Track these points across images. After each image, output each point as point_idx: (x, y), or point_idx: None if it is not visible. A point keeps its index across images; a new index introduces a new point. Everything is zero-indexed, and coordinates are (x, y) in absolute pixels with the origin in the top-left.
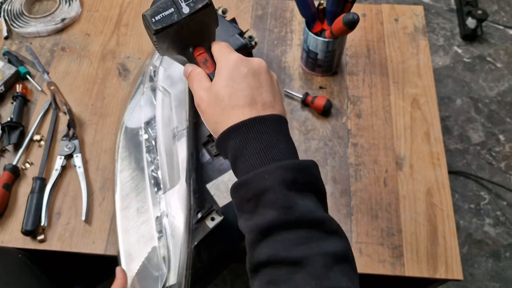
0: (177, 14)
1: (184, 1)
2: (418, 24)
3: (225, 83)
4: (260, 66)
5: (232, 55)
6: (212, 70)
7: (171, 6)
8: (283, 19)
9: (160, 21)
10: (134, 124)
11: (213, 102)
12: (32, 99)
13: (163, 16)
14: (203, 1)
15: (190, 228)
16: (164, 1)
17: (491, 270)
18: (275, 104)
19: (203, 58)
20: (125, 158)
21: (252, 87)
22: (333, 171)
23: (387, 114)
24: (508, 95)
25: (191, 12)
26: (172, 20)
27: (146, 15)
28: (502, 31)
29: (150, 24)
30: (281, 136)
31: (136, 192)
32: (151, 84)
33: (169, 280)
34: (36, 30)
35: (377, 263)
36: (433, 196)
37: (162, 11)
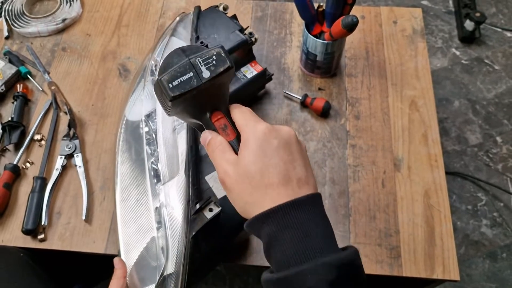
0: (196, 78)
1: (204, 64)
2: (416, 26)
3: (255, 158)
4: (290, 136)
5: (260, 125)
6: (233, 137)
7: (190, 70)
8: (282, 20)
9: (178, 87)
10: (135, 117)
11: (241, 179)
12: (33, 99)
13: (181, 81)
14: (225, 64)
15: (188, 218)
16: (182, 64)
17: (487, 271)
18: (309, 178)
19: (222, 124)
20: (125, 150)
21: (285, 162)
22: (331, 172)
23: (385, 115)
24: (506, 97)
25: (211, 77)
26: (191, 86)
27: (162, 80)
28: (500, 33)
29: (167, 90)
30: (319, 219)
31: (136, 184)
32: (152, 78)
33: (167, 269)
34: (37, 30)
35: (375, 264)
36: (430, 197)
37: (180, 75)
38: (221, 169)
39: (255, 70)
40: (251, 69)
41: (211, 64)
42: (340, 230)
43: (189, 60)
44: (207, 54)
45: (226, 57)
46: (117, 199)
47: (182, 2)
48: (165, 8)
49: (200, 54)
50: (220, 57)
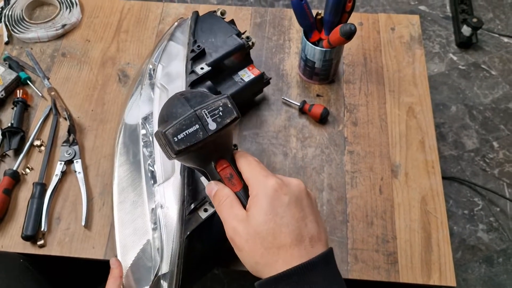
0: (202, 131)
1: (210, 116)
2: (414, 33)
3: (266, 217)
4: (300, 190)
5: (269, 181)
6: (240, 188)
7: (196, 122)
8: (281, 27)
9: (183, 140)
10: (133, 121)
11: (252, 239)
12: (33, 104)
13: (186, 134)
14: (231, 114)
15: (183, 218)
16: (187, 117)
17: (484, 276)
18: (321, 234)
19: (227, 173)
20: (123, 153)
21: (297, 219)
22: (329, 178)
23: (383, 122)
24: (502, 102)
25: (218, 128)
26: (197, 139)
27: (167, 133)
28: (497, 39)
29: (172, 144)
30: (333, 280)
31: (133, 186)
32: (150, 81)
33: (162, 269)
34: (36, 36)
35: (372, 270)
36: (427, 203)
37: (185, 128)
38: (230, 227)
39: (253, 74)
40: (248, 72)
41: (217, 115)
42: (337, 236)
43: (194, 112)
44: (213, 105)
45: (232, 107)
46: (114, 201)
47: (181, 8)
48: (164, 14)
49: (206, 106)
50: (226, 107)
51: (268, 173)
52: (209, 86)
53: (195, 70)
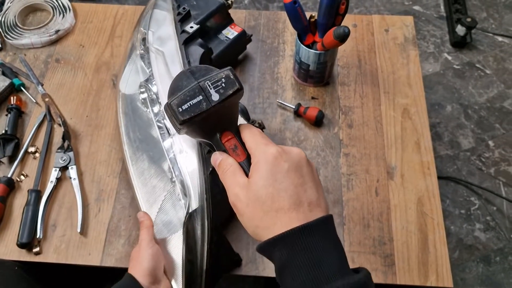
0: (206, 102)
1: (213, 88)
2: (408, 34)
3: (266, 182)
4: (300, 158)
5: (270, 148)
6: (244, 158)
7: (199, 94)
8: (275, 30)
9: (187, 111)
10: (133, 87)
11: (252, 203)
12: (27, 111)
13: (190, 104)
14: (233, 86)
15: (203, 158)
16: (191, 88)
17: (481, 275)
18: (320, 200)
19: (232, 144)
20: (128, 120)
21: (296, 185)
22: (325, 181)
23: (378, 124)
24: (497, 101)
25: (221, 99)
26: (200, 109)
27: (172, 104)
28: (491, 38)
29: (176, 114)
30: (331, 243)
31: (146, 142)
32: (142, 49)
33: (191, 206)
34: (30, 42)
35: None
36: (423, 205)
37: (189, 99)
38: (232, 193)
39: (236, 31)
40: (231, 30)
41: (220, 87)
42: None
43: (198, 83)
44: (216, 77)
45: (235, 79)
46: (129, 163)
47: None
48: None
49: (209, 77)
50: (229, 79)
51: (269, 141)
52: (201, 43)
53: (186, 29)
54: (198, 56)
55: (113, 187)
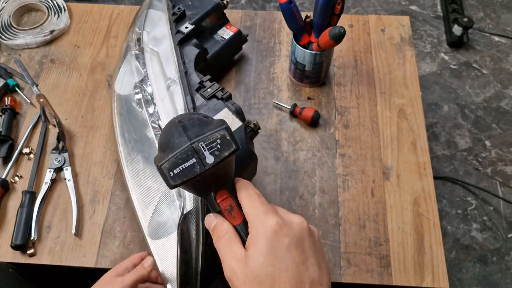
0: (199, 165)
1: (208, 149)
2: (404, 34)
3: (264, 259)
4: (301, 230)
5: (269, 220)
6: (240, 221)
7: (192, 156)
8: (271, 30)
9: (179, 175)
10: (128, 88)
11: (250, 282)
12: (21, 111)
13: (183, 168)
14: (230, 147)
15: None
16: (183, 150)
17: (478, 275)
18: (323, 277)
19: (227, 205)
20: (123, 121)
21: (298, 263)
22: (321, 182)
23: (374, 124)
24: (494, 101)
25: (216, 162)
26: (193, 173)
27: (162, 167)
28: (488, 37)
29: (167, 178)
30: None
31: (141, 143)
32: (137, 49)
33: (186, 208)
34: (24, 42)
35: (365, 273)
36: (419, 205)
37: (182, 162)
38: (228, 266)
39: (231, 31)
40: (227, 31)
41: (215, 148)
42: (330, 240)
43: (191, 144)
44: (211, 138)
45: (231, 139)
46: (124, 163)
47: None
48: None
49: (203, 138)
50: (225, 140)
51: (268, 209)
52: (196, 43)
53: (180, 30)
54: (193, 56)
55: (108, 188)
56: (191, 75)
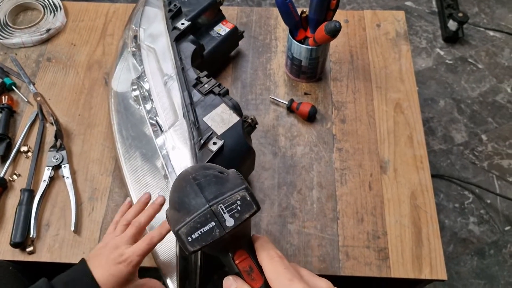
0: (219, 228)
1: (227, 211)
2: (399, 29)
3: None
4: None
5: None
6: (261, 284)
7: (211, 220)
8: (267, 26)
9: (198, 240)
10: (125, 85)
11: None
12: (18, 110)
13: (201, 232)
14: (251, 209)
15: (195, 154)
16: (202, 214)
17: (476, 268)
18: None
19: (246, 266)
20: (120, 118)
21: None
22: (319, 176)
23: (370, 119)
24: (490, 95)
25: (236, 225)
26: (213, 237)
27: (180, 233)
28: (483, 32)
29: (186, 244)
30: None
31: (139, 140)
32: (133, 46)
33: None
34: (21, 41)
35: (363, 266)
36: (417, 198)
37: (200, 226)
38: None
39: (227, 28)
40: (223, 27)
41: (235, 210)
42: (328, 233)
43: (210, 208)
44: (231, 199)
45: (252, 200)
46: (122, 161)
47: None
48: None
49: (222, 200)
50: (245, 201)
51: (293, 275)
52: (192, 39)
53: (177, 26)
54: (189, 52)
55: (107, 186)
56: (188, 71)
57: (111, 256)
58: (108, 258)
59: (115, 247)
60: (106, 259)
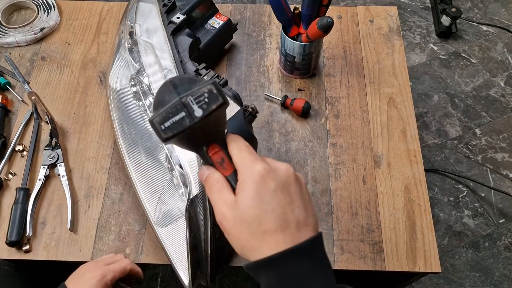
0: (189, 118)
1: (196, 103)
2: (392, 24)
3: (252, 202)
4: (288, 175)
5: (256, 166)
6: (231, 172)
7: (182, 110)
8: (261, 23)
9: (170, 128)
10: (124, 81)
11: (239, 224)
12: (13, 109)
13: (173, 122)
14: (217, 100)
15: None
16: (173, 105)
17: (471, 260)
18: (308, 219)
19: (219, 157)
20: (121, 114)
21: (283, 205)
22: (313, 171)
23: (364, 113)
24: (483, 89)
25: (204, 115)
26: (183, 126)
27: (154, 121)
28: (476, 27)
29: (159, 131)
30: (319, 266)
31: (141, 134)
32: (130, 42)
33: (192, 192)
34: (14, 40)
35: (358, 259)
36: (410, 192)
37: (171, 116)
38: (219, 211)
39: (221, 21)
40: (217, 20)
41: (203, 102)
42: (323, 228)
43: (180, 99)
44: (199, 92)
45: (218, 93)
46: (125, 155)
47: None
48: None
49: (191, 92)
50: (212, 94)
51: (256, 157)
52: (189, 33)
53: (173, 20)
54: (186, 45)
55: (102, 183)
56: (187, 64)
57: (88, 273)
58: (84, 274)
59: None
60: (82, 275)
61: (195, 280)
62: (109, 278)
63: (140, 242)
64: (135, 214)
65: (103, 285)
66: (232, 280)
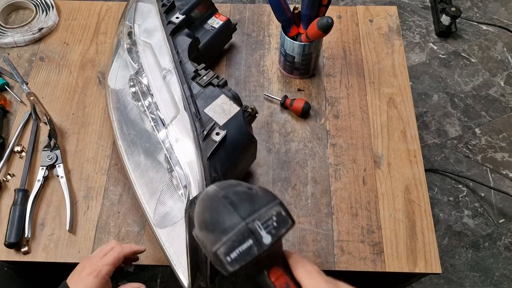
0: (257, 246)
1: (264, 228)
2: (392, 24)
3: None
4: None
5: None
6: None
7: (249, 237)
8: (260, 23)
9: (237, 260)
10: (123, 82)
11: None
12: (12, 110)
13: (240, 252)
14: (286, 223)
15: (199, 145)
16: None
17: (471, 261)
18: None
19: (283, 283)
20: (120, 115)
21: None
22: (313, 172)
23: (364, 114)
24: (483, 89)
25: (274, 241)
26: (251, 255)
27: (218, 253)
28: (476, 27)
29: (225, 264)
30: None
31: (140, 135)
32: (128, 43)
33: (192, 193)
34: (13, 41)
35: (358, 260)
36: (410, 192)
37: (238, 245)
38: None
39: (221, 20)
40: (216, 20)
41: (271, 226)
42: (323, 228)
43: (246, 225)
44: (266, 215)
45: (287, 215)
46: (124, 156)
47: None
48: None
49: (257, 216)
50: (280, 216)
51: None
52: (188, 33)
53: (172, 20)
54: (186, 46)
55: (101, 184)
56: (186, 64)
57: (84, 270)
58: (80, 273)
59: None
60: (79, 274)
61: (194, 282)
62: (104, 272)
63: (139, 243)
64: (134, 215)
65: (100, 280)
66: (232, 281)
